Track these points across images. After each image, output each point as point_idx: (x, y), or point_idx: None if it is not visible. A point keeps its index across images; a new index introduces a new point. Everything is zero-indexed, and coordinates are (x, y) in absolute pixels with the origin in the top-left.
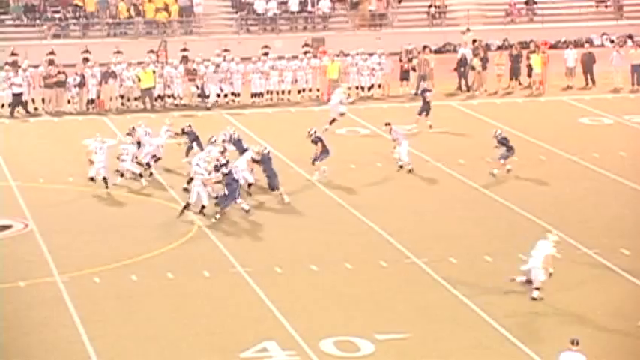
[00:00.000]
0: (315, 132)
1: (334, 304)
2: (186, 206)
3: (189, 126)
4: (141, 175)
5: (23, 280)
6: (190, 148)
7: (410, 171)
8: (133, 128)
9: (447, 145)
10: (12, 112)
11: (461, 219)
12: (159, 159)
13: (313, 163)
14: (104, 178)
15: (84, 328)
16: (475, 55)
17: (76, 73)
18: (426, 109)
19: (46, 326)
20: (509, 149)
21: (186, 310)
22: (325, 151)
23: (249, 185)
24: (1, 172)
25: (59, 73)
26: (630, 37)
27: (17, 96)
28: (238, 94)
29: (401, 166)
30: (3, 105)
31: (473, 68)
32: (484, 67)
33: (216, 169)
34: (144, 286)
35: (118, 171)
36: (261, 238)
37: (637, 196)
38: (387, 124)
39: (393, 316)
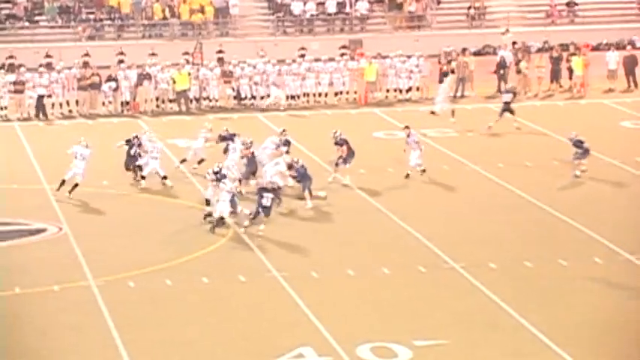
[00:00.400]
0: (340, 134)
1: (371, 310)
2: (209, 214)
3: (226, 130)
4: (165, 177)
5: (57, 284)
6: (227, 151)
7: (423, 171)
8: (136, 137)
9: (486, 148)
10: (37, 115)
11: (500, 223)
12: (202, 160)
13: (337, 165)
14: (76, 185)
15: (117, 333)
16: (517, 58)
17: (110, 76)
18: (506, 109)
19: (79, 331)
20: (585, 151)
21: (222, 315)
22: (351, 154)
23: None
24: (35, 176)
25: (93, 75)
26: None
27: (41, 98)
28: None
29: (408, 173)
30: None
31: (519, 71)
32: (520, 70)
33: (215, 174)
34: (178, 290)
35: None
36: (297, 243)
37: None
38: (406, 127)
39: (431, 322)
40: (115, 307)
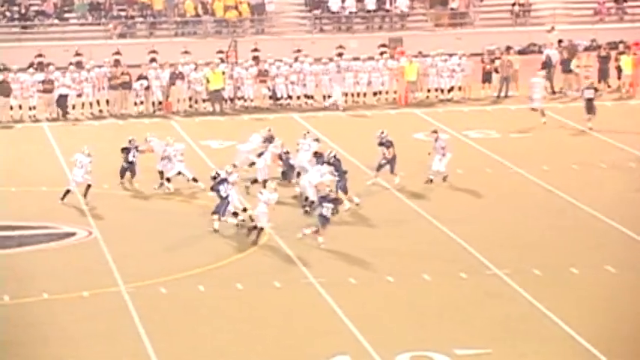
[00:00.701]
0: (386, 134)
1: (411, 317)
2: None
3: (269, 130)
4: (195, 180)
5: (87, 290)
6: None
7: (445, 179)
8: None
9: (531, 150)
10: (59, 114)
11: (545, 228)
12: (253, 163)
13: (379, 168)
14: (67, 191)
15: (149, 340)
16: (563, 57)
17: (140, 75)
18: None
19: (109, 338)
20: None
21: (256, 322)
22: (394, 157)
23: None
24: (64, 178)
25: (123, 74)
26: None
27: (63, 98)
28: (311, 97)
29: (431, 179)
30: (74, 106)
31: (565, 71)
32: (569, 70)
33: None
34: (211, 297)
35: (167, 178)
36: (334, 248)
37: None
38: (434, 132)
39: (473, 331)
40: (146, 314)
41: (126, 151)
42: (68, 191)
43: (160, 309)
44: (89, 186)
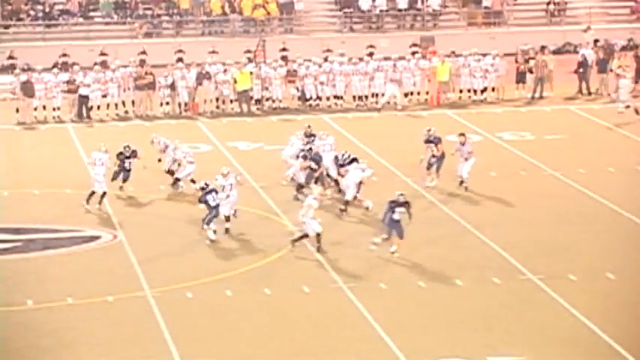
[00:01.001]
0: (434, 131)
1: (443, 324)
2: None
3: (309, 126)
4: (193, 181)
5: (112, 295)
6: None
7: (466, 189)
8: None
9: (566, 152)
10: (79, 115)
11: (580, 232)
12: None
13: (429, 167)
14: (92, 193)
15: (175, 346)
16: (599, 57)
17: (165, 76)
18: None
19: (135, 344)
20: None
21: (284, 329)
22: (443, 154)
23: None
24: (89, 180)
25: (146, 74)
26: None
27: (83, 98)
28: (341, 97)
29: (461, 182)
30: (93, 107)
31: (610, 70)
32: (605, 70)
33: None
34: (239, 302)
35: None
36: (363, 253)
37: None
38: (462, 135)
39: (507, 337)
40: (172, 319)
41: (121, 156)
42: (93, 193)
43: (187, 314)
44: (104, 193)
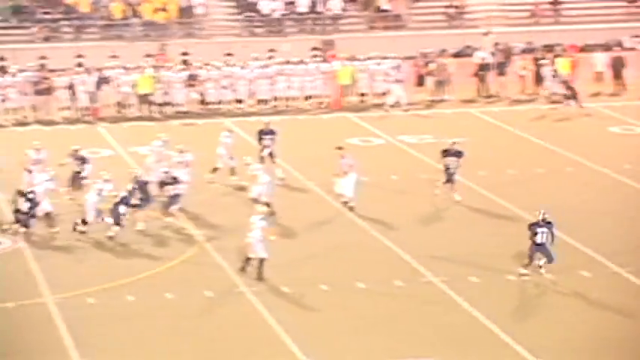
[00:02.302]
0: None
1: (349, 328)
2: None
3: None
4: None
5: (11, 301)
6: None
7: (351, 209)
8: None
9: (467, 155)
10: None
11: (489, 236)
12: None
13: (452, 182)
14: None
15: (77, 353)
16: (498, 60)
17: (64, 81)
18: None
19: (35, 351)
20: None
21: (186, 333)
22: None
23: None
24: None
25: (44, 78)
26: None
27: None
28: (242, 101)
29: (345, 202)
30: None
31: (501, 74)
32: (504, 72)
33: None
34: (141, 307)
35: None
36: (269, 256)
37: None
38: (340, 148)
39: (415, 340)
40: (74, 325)
41: (81, 160)
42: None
43: (88, 320)
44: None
